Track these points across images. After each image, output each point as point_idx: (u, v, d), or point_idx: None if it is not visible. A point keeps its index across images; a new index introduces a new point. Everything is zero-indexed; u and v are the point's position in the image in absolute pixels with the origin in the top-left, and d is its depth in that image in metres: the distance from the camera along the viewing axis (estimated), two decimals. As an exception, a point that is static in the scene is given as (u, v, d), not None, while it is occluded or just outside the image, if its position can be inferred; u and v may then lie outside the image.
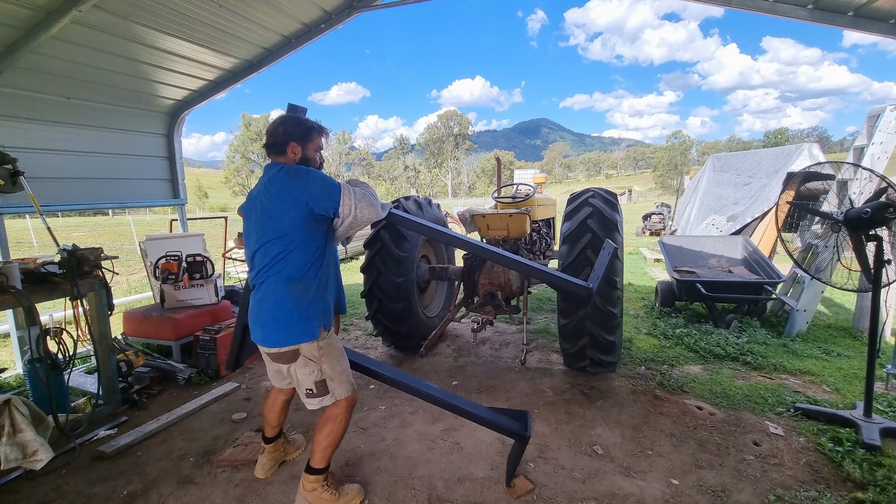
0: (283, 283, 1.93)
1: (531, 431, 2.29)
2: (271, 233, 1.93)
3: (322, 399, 2.08)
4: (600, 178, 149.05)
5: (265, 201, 1.96)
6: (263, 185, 2.00)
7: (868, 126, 4.74)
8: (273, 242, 1.93)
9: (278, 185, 1.95)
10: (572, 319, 3.28)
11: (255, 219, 2.00)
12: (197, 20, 4.18)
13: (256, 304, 2.01)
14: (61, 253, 2.89)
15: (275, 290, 1.94)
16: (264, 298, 1.97)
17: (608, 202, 3.38)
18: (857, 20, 3.69)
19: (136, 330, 4.13)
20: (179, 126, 5.74)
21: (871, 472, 2.33)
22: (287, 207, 1.91)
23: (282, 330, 1.95)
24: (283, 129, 2.02)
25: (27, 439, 2.30)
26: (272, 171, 2.01)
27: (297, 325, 1.95)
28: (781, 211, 3.30)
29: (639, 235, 16.31)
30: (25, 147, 4.10)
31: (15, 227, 18.71)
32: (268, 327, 1.97)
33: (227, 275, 7.44)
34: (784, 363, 3.83)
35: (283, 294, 1.93)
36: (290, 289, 1.93)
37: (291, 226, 1.91)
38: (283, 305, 1.93)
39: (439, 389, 2.41)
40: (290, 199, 1.91)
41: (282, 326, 1.95)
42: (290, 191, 1.92)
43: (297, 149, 2.02)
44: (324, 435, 2.11)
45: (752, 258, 5.73)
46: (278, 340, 1.97)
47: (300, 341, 1.97)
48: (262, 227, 1.96)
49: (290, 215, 1.91)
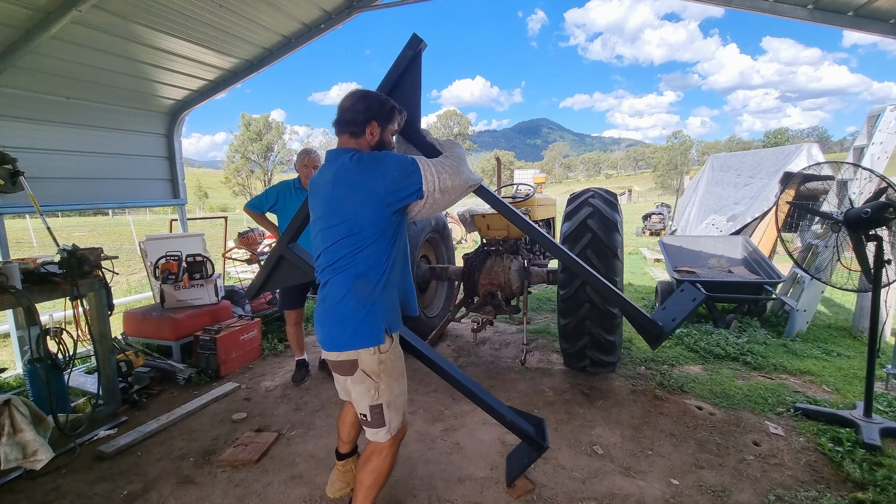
0: (351, 280, 1.72)
1: (549, 442, 2.26)
2: (341, 229, 1.72)
3: (377, 432, 1.83)
4: (600, 178, 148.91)
5: (333, 193, 1.72)
6: (332, 176, 1.74)
7: (868, 126, 4.74)
8: (344, 241, 1.71)
9: (349, 176, 1.70)
10: (572, 319, 3.28)
11: (321, 213, 1.78)
12: (197, 20, 4.18)
13: (321, 301, 1.81)
14: (61, 253, 2.89)
15: (339, 286, 1.74)
16: (328, 296, 1.77)
17: (608, 202, 3.38)
18: (857, 20, 3.69)
19: (136, 330, 4.13)
20: (179, 126, 5.74)
21: (871, 472, 2.33)
22: (361, 202, 1.68)
23: (345, 332, 1.74)
24: (366, 105, 1.77)
25: (27, 439, 2.30)
26: (342, 159, 1.75)
27: (360, 325, 1.73)
28: (781, 211, 3.31)
29: (639, 235, 16.32)
30: (25, 147, 4.10)
31: (15, 227, 18.71)
32: (330, 328, 1.77)
33: (227, 275, 7.44)
34: (784, 363, 3.83)
35: (348, 290, 1.72)
36: (356, 285, 1.73)
37: (366, 222, 1.69)
38: (346, 303, 1.73)
39: (469, 379, 2.30)
40: (366, 192, 1.68)
41: (345, 328, 1.74)
42: (365, 183, 1.68)
43: (377, 130, 1.78)
44: (367, 472, 1.86)
45: (752, 258, 5.73)
46: (339, 343, 1.76)
47: (363, 345, 1.74)
48: (329, 223, 1.75)
49: (364, 211, 1.69)
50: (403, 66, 2.03)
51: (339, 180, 1.72)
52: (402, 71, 2.04)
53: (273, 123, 51.50)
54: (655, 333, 2.17)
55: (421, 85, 2.09)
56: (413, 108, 2.07)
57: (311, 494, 2.30)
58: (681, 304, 2.35)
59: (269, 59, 5.28)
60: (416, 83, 2.08)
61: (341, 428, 2.21)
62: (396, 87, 2.06)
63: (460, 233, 12.44)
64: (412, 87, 2.08)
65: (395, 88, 2.06)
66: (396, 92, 2.05)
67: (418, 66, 2.08)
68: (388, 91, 2.03)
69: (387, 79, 2.05)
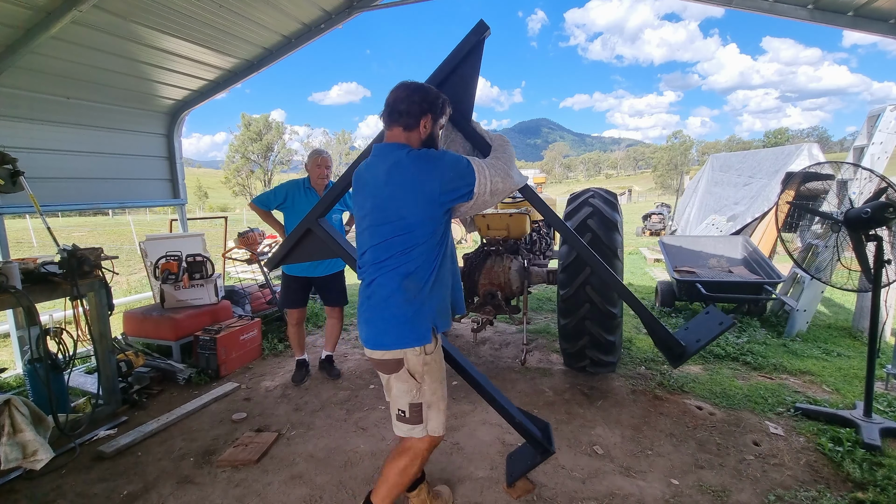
0: (399, 279, 1.69)
1: (555, 447, 2.24)
2: (392, 228, 1.68)
3: (413, 428, 1.80)
4: (600, 178, 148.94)
5: (386, 191, 1.67)
6: (385, 172, 1.69)
7: (868, 126, 4.74)
8: (394, 239, 1.68)
9: (406, 175, 1.65)
10: (572, 319, 3.28)
11: (370, 208, 1.73)
12: (197, 20, 4.18)
13: (365, 299, 1.76)
14: (61, 253, 2.89)
15: (387, 285, 1.70)
16: (374, 294, 1.73)
17: (608, 202, 3.38)
18: (857, 20, 3.69)
19: (136, 330, 4.13)
20: (179, 126, 5.74)
21: (871, 472, 2.33)
22: (415, 201, 1.65)
23: (391, 331, 1.71)
24: (421, 97, 1.72)
25: (27, 439, 2.30)
26: (397, 155, 1.69)
27: (407, 324, 1.70)
28: (781, 211, 3.30)
29: (639, 235, 16.32)
30: (25, 147, 4.10)
31: (15, 227, 18.71)
32: (375, 326, 1.73)
33: (227, 275, 7.44)
34: (784, 363, 3.83)
35: (396, 289, 1.69)
36: (405, 284, 1.69)
37: (418, 221, 1.67)
38: (393, 301, 1.69)
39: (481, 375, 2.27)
40: (421, 192, 1.65)
41: (390, 326, 1.71)
42: (424, 183, 1.64)
43: (430, 123, 1.75)
44: (396, 469, 1.83)
45: (752, 258, 5.73)
46: (384, 342, 1.72)
47: (409, 344, 1.71)
48: (379, 220, 1.70)
49: (417, 210, 1.66)
50: (465, 53, 1.97)
51: (394, 178, 1.67)
52: (462, 57, 1.98)
53: (273, 123, 51.45)
54: (678, 352, 2.14)
55: (479, 73, 2.03)
56: (468, 97, 2.03)
57: (311, 494, 2.30)
58: (706, 326, 2.32)
59: (269, 59, 5.28)
60: (475, 71, 2.02)
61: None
62: (453, 74, 2.00)
63: (460, 233, 12.45)
64: (470, 75, 2.02)
65: (451, 75, 1.99)
66: (453, 78, 1.99)
67: (480, 53, 2.02)
68: (444, 77, 1.97)
69: (445, 64, 1.98)
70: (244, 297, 4.95)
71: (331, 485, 2.37)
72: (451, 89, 1.94)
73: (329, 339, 3.80)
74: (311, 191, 3.49)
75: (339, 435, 2.86)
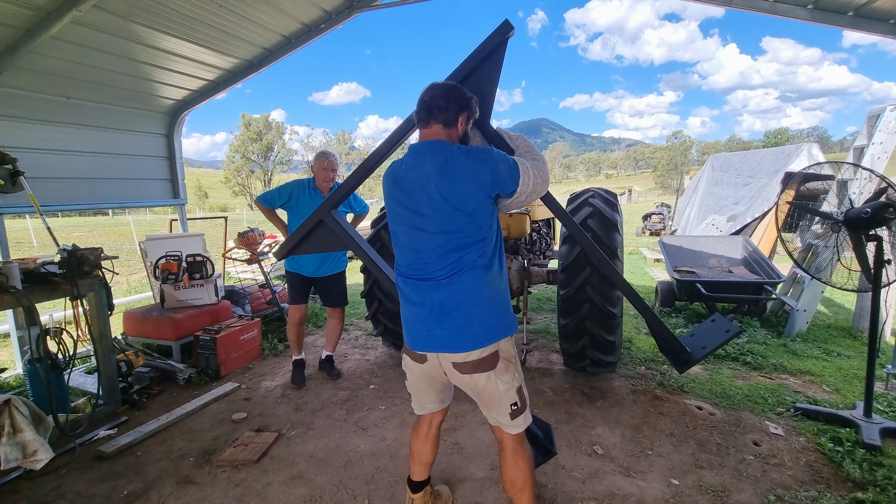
0: (480, 273, 1.64)
1: (557, 448, 2.24)
2: (458, 222, 1.62)
3: (523, 416, 1.75)
4: (600, 177, 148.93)
5: (443, 185, 1.61)
6: (438, 167, 1.62)
7: (868, 126, 4.74)
8: (463, 234, 1.63)
9: (462, 166, 1.62)
10: (572, 319, 3.28)
11: (424, 205, 1.64)
12: (197, 20, 4.18)
13: (440, 306, 1.65)
14: (61, 253, 2.89)
15: (468, 283, 1.64)
16: (456, 295, 1.63)
17: (608, 202, 3.38)
18: (857, 20, 3.69)
19: (136, 330, 4.13)
20: (179, 126, 5.74)
21: (871, 472, 2.33)
22: (477, 193, 1.61)
23: (487, 326, 1.65)
24: (458, 95, 1.71)
25: (27, 439, 2.30)
26: (448, 150, 1.65)
27: (499, 316, 1.67)
28: (781, 211, 3.30)
29: (639, 235, 16.32)
30: (25, 147, 4.10)
31: (15, 227, 18.71)
32: (464, 327, 1.63)
33: (227, 275, 7.44)
34: (784, 363, 3.83)
35: (480, 284, 1.64)
36: (488, 278, 1.66)
37: (483, 213, 1.64)
38: (481, 297, 1.64)
39: None
40: (480, 183, 1.61)
41: (489, 321, 1.65)
42: (479, 173, 1.61)
43: (465, 122, 1.74)
44: (522, 469, 1.78)
45: (752, 258, 5.73)
46: (482, 340, 1.64)
47: (506, 334, 1.69)
48: (441, 217, 1.62)
49: (479, 202, 1.62)
50: (488, 52, 1.95)
51: (450, 172, 1.61)
52: (484, 56, 1.95)
53: (273, 123, 51.50)
54: (683, 358, 2.13)
55: (500, 72, 2.00)
56: (489, 96, 2.01)
57: (311, 494, 2.30)
58: (712, 333, 2.31)
59: (269, 59, 5.28)
60: (497, 70, 2.00)
61: (421, 447, 1.99)
62: (475, 72, 1.97)
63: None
64: (492, 74, 2.00)
65: (473, 73, 1.97)
66: (474, 77, 1.97)
67: (502, 52, 2.00)
68: (466, 76, 1.96)
69: (466, 63, 1.96)
70: (244, 297, 4.95)
71: (331, 485, 2.37)
72: (471, 88, 1.90)
73: (330, 339, 3.80)
74: (316, 191, 3.49)
75: (339, 435, 2.86)
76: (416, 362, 1.80)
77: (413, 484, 2.06)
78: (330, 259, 3.58)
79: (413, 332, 1.75)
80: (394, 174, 1.75)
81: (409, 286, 1.73)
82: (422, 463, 2.03)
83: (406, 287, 1.74)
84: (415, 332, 1.74)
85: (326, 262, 3.57)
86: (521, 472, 1.78)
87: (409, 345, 1.79)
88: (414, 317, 1.73)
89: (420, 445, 2.00)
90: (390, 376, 3.75)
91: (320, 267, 3.54)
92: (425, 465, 2.04)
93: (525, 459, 1.79)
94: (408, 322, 1.77)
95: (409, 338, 1.77)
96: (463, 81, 1.95)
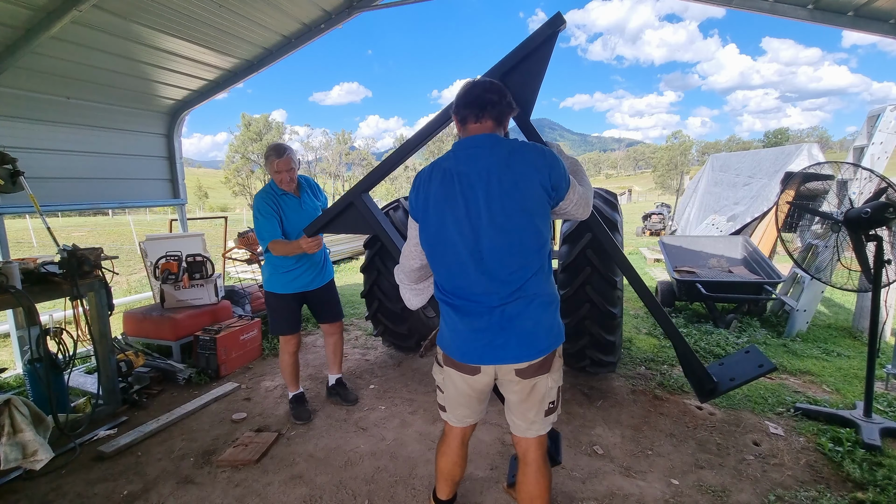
0: (544, 278, 1.58)
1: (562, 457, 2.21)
2: (521, 222, 1.49)
3: (556, 413, 1.73)
4: (600, 177, 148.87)
5: (508, 182, 1.48)
6: (500, 161, 1.49)
7: (868, 126, 4.74)
8: (524, 234, 1.50)
9: (528, 161, 1.50)
10: (572, 319, 3.28)
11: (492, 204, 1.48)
12: (197, 20, 4.17)
13: (497, 313, 1.53)
14: (61, 253, 2.89)
15: (531, 288, 1.55)
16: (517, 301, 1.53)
17: (608, 202, 3.38)
18: (857, 20, 3.69)
19: (136, 330, 4.13)
20: (179, 126, 5.74)
21: (871, 472, 2.33)
22: (539, 190, 1.50)
23: (551, 332, 1.60)
24: (505, 91, 1.60)
25: (27, 439, 2.30)
26: (512, 143, 1.54)
27: (557, 321, 1.64)
28: (781, 211, 3.30)
29: (639, 235, 16.33)
30: (25, 147, 4.10)
31: (15, 227, 18.71)
32: (532, 333, 1.56)
33: (227, 275, 7.44)
34: (784, 363, 3.83)
35: (545, 291, 1.58)
36: (549, 282, 1.60)
37: (542, 213, 1.53)
38: (545, 303, 1.58)
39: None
40: (541, 179, 1.50)
41: (552, 326, 1.61)
42: (542, 169, 1.50)
43: (508, 120, 1.66)
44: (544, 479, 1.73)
45: (752, 258, 5.73)
46: (545, 347, 1.59)
47: (563, 338, 1.66)
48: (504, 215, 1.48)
49: (541, 201, 1.51)
50: (536, 45, 1.85)
51: (515, 165, 1.49)
52: (532, 49, 1.85)
53: (273, 123, 51.46)
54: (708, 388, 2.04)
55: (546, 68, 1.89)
56: (532, 92, 1.91)
57: (311, 494, 2.30)
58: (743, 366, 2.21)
59: (269, 59, 5.28)
60: (544, 65, 1.88)
61: (452, 462, 1.89)
62: (520, 66, 1.86)
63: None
64: (537, 68, 1.88)
65: (518, 66, 1.85)
66: (519, 70, 1.86)
67: (551, 46, 1.88)
68: (510, 68, 1.85)
69: (512, 55, 1.84)
70: (244, 297, 4.95)
71: (331, 485, 2.37)
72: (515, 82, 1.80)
73: (334, 360, 3.31)
74: (287, 195, 2.91)
75: (339, 435, 2.86)
76: (465, 375, 1.67)
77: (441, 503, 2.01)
78: (324, 266, 3.10)
79: (466, 344, 1.60)
80: (443, 169, 1.56)
81: (459, 294, 1.59)
82: (453, 482, 1.96)
83: (453, 296, 1.60)
84: (469, 345, 1.60)
85: (321, 270, 3.06)
86: (542, 490, 1.72)
87: (460, 358, 1.64)
88: (466, 328, 1.58)
89: (451, 466, 1.90)
90: (390, 376, 3.75)
91: (316, 277, 3.02)
92: (454, 482, 1.97)
93: (547, 478, 1.74)
94: (458, 334, 1.61)
95: (461, 351, 1.62)
96: (507, 74, 1.84)
